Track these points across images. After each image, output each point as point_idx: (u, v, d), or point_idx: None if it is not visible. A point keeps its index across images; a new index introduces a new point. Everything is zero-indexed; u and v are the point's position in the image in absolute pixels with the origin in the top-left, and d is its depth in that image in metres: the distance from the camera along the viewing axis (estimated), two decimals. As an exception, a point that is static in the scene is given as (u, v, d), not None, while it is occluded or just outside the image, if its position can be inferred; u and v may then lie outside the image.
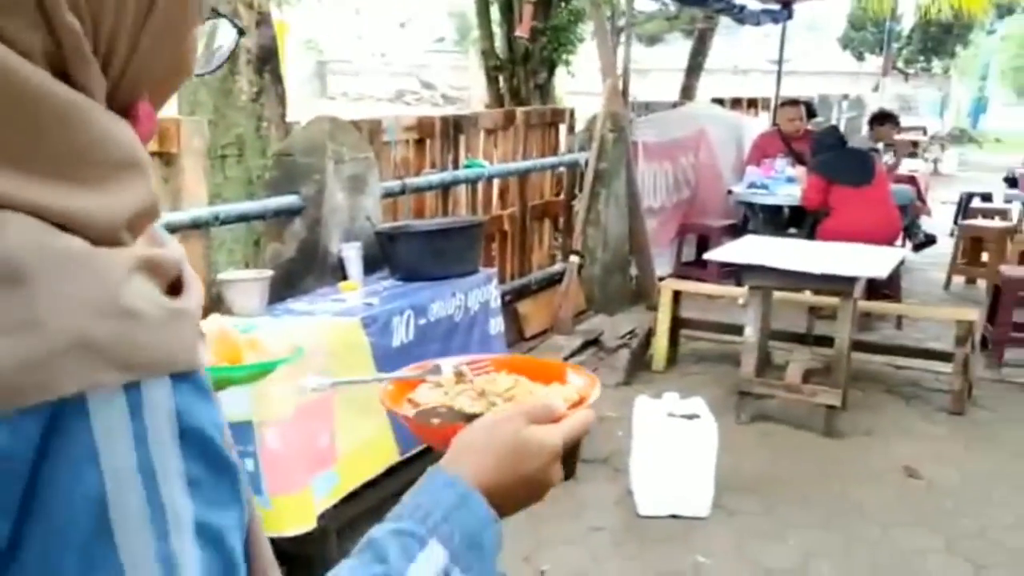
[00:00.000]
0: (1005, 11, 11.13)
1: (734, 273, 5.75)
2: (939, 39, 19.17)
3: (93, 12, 0.57)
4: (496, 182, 5.80)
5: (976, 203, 9.53)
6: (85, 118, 0.56)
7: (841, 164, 6.40)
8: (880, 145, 7.63)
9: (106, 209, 0.55)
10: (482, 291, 4.01)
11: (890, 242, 6.26)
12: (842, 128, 10.78)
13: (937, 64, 20.62)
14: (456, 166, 5.25)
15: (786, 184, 7.20)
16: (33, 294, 0.50)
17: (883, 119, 8.26)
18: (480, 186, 5.58)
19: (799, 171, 7.09)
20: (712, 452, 3.80)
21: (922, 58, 19.97)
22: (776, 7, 9.55)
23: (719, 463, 3.85)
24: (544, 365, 1.08)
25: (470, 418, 0.85)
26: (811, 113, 8.55)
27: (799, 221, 7.10)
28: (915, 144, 13.45)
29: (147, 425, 0.53)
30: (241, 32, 0.83)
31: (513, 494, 0.78)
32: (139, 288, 0.55)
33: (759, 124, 9.47)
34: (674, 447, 3.77)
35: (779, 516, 3.88)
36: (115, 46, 0.59)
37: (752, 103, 10.24)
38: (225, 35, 0.79)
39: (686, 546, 3.61)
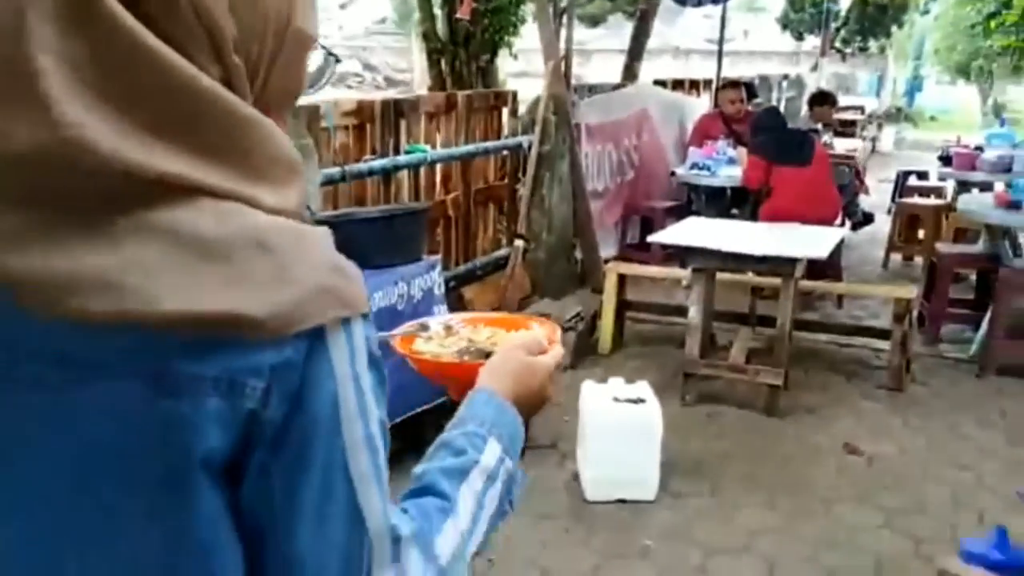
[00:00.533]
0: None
1: (677, 255, 5.79)
2: (875, 19, 19.46)
3: (247, 51, 0.74)
4: (439, 167, 5.75)
5: (912, 181, 9.71)
6: (269, 132, 0.73)
7: (781, 145, 6.45)
8: (819, 125, 7.72)
9: (292, 199, 0.75)
10: (426, 279, 3.97)
11: (830, 221, 6.34)
12: (782, 108, 10.91)
13: (874, 44, 20.96)
14: (397, 151, 5.18)
15: (728, 165, 7.25)
16: (282, 257, 0.69)
17: (822, 99, 8.35)
18: (423, 171, 5.52)
19: (740, 152, 7.14)
20: (658, 436, 3.83)
21: (859, 38, 20.26)
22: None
23: (665, 446, 3.88)
24: (510, 319, 1.33)
25: (488, 355, 1.10)
26: (752, 94, 8.62)
27: (741, 202, 7.16)
28: (853, 123, 13.66)
29: (355, 348, 0.74)
30: (337, 60, 1.03)
31: (527, 403, 1.04)
32: (337, 252, 0.76)
33: (701, 105, 9.53)
34: (620, 432, 3.78)
35: (724, 496, 3.92)
36: (256, 76, 0.76)
37: (694, 84, 10.28)
38: (316, 58, 0.95)
39: (634, 530, 3.63)
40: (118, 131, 0.65)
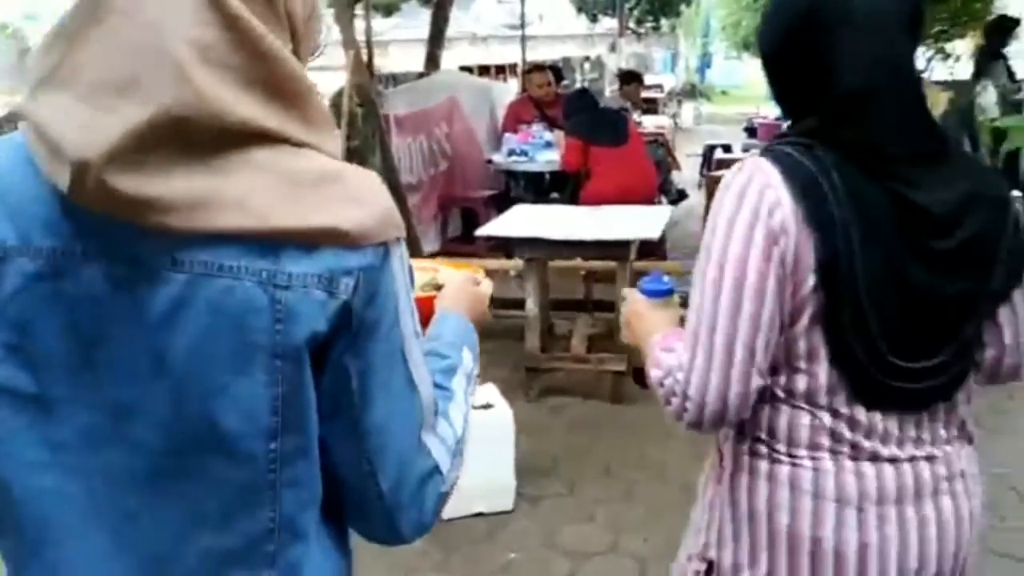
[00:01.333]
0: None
1: (505, 246, 5.59)
2: (666, -1, 20.12)
3: (300, 33, 0.97)
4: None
5: (719, 154, 9.94)
6: (319, 95, 0.95)
7: (596, 125, 6.36)
8: (629, 104, 7.71)
9: (339, 147, 0.97)
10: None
11: (650, 199, 6.31)
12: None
13: (665, 23, 21.59)
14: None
15: (545, 149, 7.12)
16: (355, 188, 0.92)
17: (629, 78, 8.38)
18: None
19: (557, 135, 7.02)
20: (510, 442, 3.60)
21: (651, 18, 20.82)
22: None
23: (517, 449, 3.66)
24: (427, 263, 1.71)
25: (439, 287, 1.41)
26: (559, 77, 8.54)
27: (561, 186, 7.05)
28: (655, 101, 13.94)
29: (404, 261, 0.97)
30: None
31: (477, 320, 1.29)
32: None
33: (509, 91, 9.39)
34: (471, 442, 3.51)
35: (584, 495, 3.75)
36: (298, 38, 0.97)
37: (500, 70, 10.16)
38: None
39: (495, 544, 3.40)
40: (235, 96, 0.85)
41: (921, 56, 8.17)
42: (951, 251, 1.34)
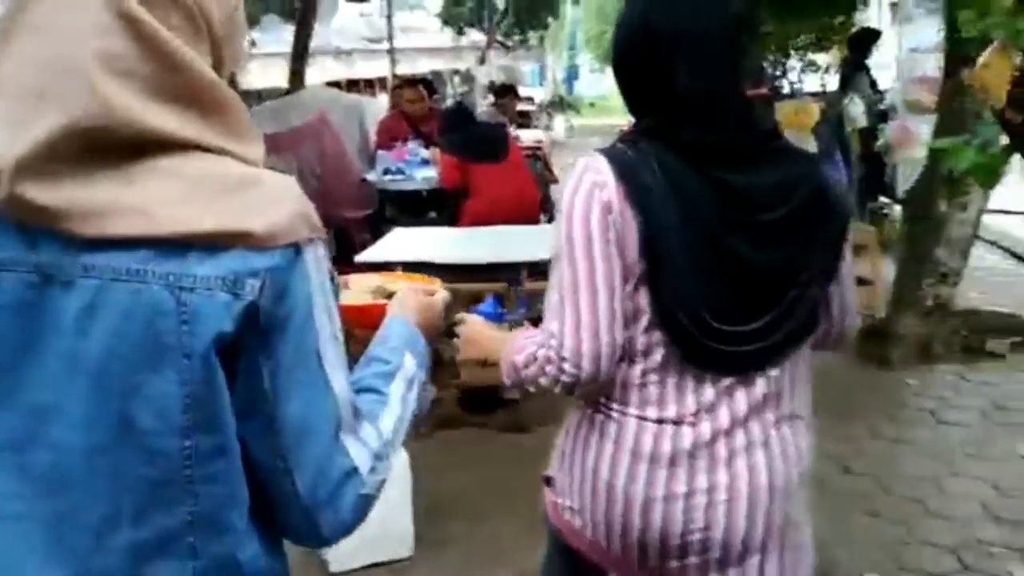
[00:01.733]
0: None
1: (385, 271, 5.33)
2: (532, 11, 20.15)
3: (219, 41, 1.00)
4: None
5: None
6: (239, 105, 0.99)
7: (474, 141, 6.18)
8: (506, 119, 7.57)
9: (261, 155, 1.01)
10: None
11: (533, 216, 6.17)
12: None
13: (533, 36, 21.69)
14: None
15: (422, 167, 6.89)
16: (269, 192, 0.97)
17: (504, 91, 8.25)
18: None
19: (433, 152, 6.80)
20: (407, 482, 3.36)
21: (518, 30, 20.87)
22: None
23: (414, 490, 3.42)
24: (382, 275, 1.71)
25: (391, 295, 1.41)
26: (431, 91, 8.33)
27: (439, 204, 6.83)
28: (528, 114, 13.89)
29: (321, 262, 1.00)
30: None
31: (427, 329, 1.31)
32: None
33: (380, 106, 9.12)
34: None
35: (485, 533, 3.55)
36: (220, 56, 1.02)
37: (368, 84, 9.88)
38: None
39: (395, 598, 3.15)
40: (144, 105, 0.90)
41: (793, 69, 8.39)
42: (770, 226, 1.55)
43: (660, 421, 1.57)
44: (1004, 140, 2.77)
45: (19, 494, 0.94)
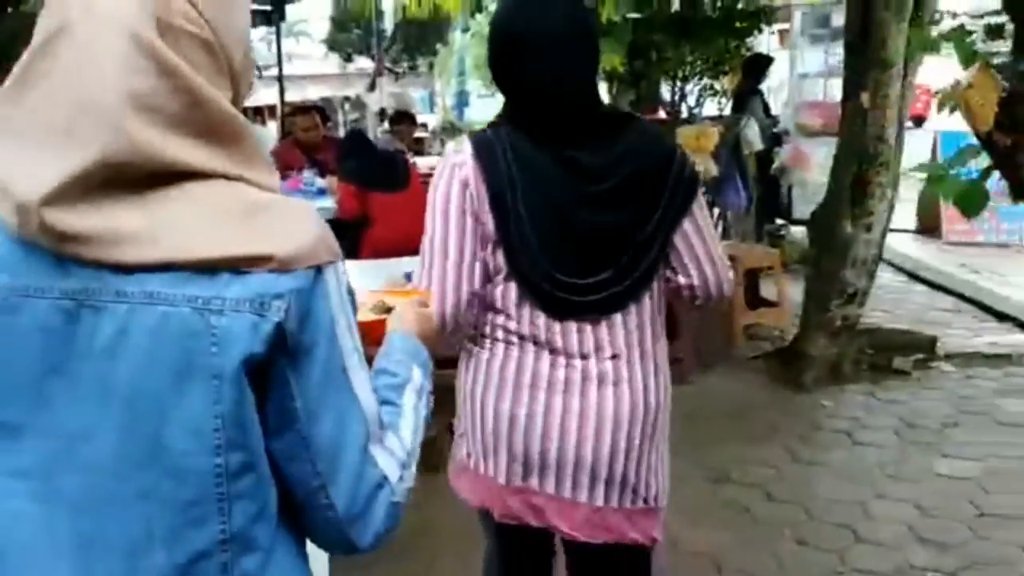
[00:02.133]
0: (476, 9, 11.68)
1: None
2: (421, 37, 20.05)
3: (238, 76, 1.05)
4: None
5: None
6: (254, 135, 1.03)
7: (373, 169, 5.96)
8: (404, 146, 7.38)
9: (277, 183, 1.04)
10: None
11: (438, 245, 5.99)
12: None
13: (422, 62, 21.58)
14: None
15: (319, 197, 6.61)
16: (289, 217, 1.00)
17: (400, 118, 8.06)
18: None
19: (330, 181, 6.56)
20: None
21: (407, 57, 20.74)
22: (268, 7, 8.95)
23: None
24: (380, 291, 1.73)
25: (390, 310, 1.47)
26: (325, 119, 8.09)
27: (339, 235, 6.39)
28: (421, 141, 13.70)
29: (340, 282, 1.03)
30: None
31: (426, 338, 1.36)
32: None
33: (271, 134, 8.82)
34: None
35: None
36: (237, 90, 1.06)
37: (258, 112, 9.57)
38: None
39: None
40: (164, 138, 0.93)
41: (692, 93, 8.46)
42: (605, 194, 1.84)
43: (522, 352, 1.91)
44: (983, 163, 2.74)
45: (49, 519, 0.96)
